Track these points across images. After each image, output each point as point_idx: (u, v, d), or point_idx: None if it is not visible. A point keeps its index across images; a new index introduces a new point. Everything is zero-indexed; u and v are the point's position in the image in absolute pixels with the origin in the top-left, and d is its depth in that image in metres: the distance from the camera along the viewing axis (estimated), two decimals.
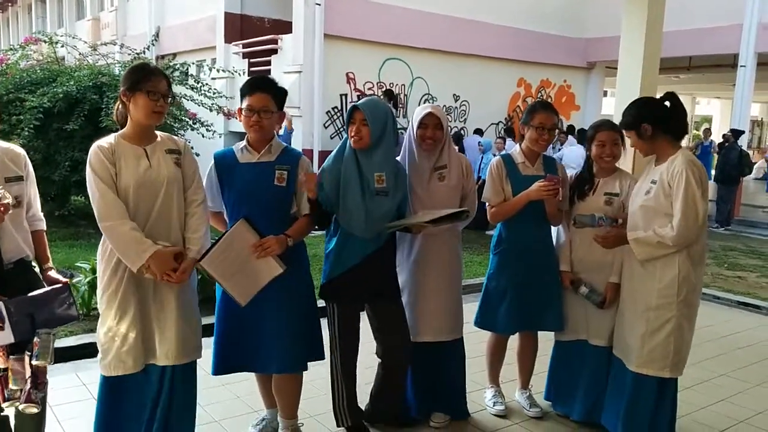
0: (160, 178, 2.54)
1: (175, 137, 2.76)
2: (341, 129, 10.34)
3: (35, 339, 2.28)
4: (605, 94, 17.56)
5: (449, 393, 3.35)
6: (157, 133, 2.65)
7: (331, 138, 11.00)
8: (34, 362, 2.27)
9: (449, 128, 3.33)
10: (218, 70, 10.21)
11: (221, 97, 9.12)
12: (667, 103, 2.93)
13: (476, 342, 3.59)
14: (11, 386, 2.29)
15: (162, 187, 2.54)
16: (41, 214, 2.65)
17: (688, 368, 3.02)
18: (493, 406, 3.50)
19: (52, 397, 3.33)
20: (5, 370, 2.30)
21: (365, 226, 2.89)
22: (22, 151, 2.55)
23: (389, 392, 3.17)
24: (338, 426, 3.16)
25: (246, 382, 3.40)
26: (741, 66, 12.08)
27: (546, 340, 3.53)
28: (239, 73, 9.77)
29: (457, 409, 3.40)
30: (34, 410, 2.31)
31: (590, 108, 15.12)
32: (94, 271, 4.81)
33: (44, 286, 2.50)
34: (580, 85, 15.11)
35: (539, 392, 3.58)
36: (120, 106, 2.59)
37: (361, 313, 3.11)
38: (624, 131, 3.04)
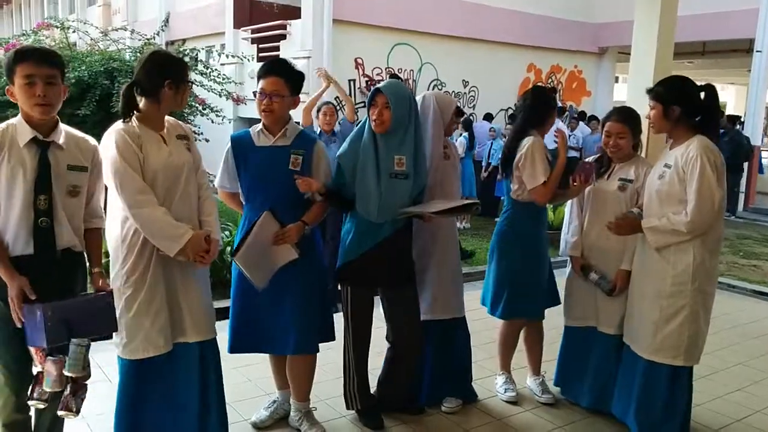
0: (179, 164, 2.57)
1: (180, 122, 2.77)
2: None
3: (70, 348, 2.24)
4: (617, 80, 17.39)
5: (458, 375, 3.38)
6: (164, 117, 2.65)
7: (339, 123, 10.97)
8: (65, 372, 2.24)
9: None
10: (227, 56, 10.18)
11: (230, 82, 9.10)
12: (702, 94, 2.87)
13: (484, 329, 3.60)
14: (44, 387, 2.26)
15: (182, 172, 2.57)
16: (102, 213, 2.58)
17: (704, 357, 3.00)
18: (504, 392, 3.51)
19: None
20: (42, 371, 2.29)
21: (378, 210, 2.89)
22: (93, 144, 2.50)
23: (400, 378, 3.20)
24: (348, 409, 3.20)
25: (257, 365, 3.43)
26: (757, 51, 11.89)
27: (551, 327, 3.53)
28: (248, 59, 9.76)
29: (467, 390, 3.43)
30: (72, 417, 2.31)
31: (601, 94, 14.99)
32: (107, 254, 4.84)
33: (86, 288, 2.49)
34: (591, 70, 14.97)
35: (551, 379, 3.58)
36: (133, 92, 2.53)
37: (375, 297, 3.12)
38: (650, 99, 2.94)
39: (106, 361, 3.78)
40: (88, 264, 2.51)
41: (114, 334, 2.55)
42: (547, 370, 3.60)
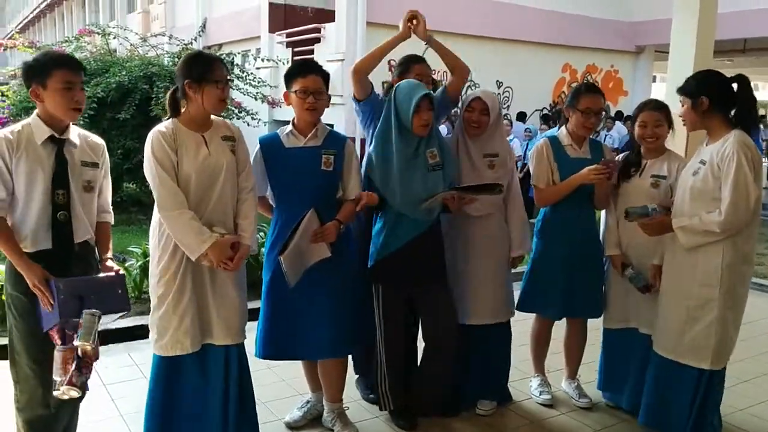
0: (218, 166, 2.57)
1: (229, 122, 2.78)
2: (359, 116, 10.27)
3: (80, 320, 2.27)
4: (654, 79, 17.05)
5: (495, 378, 3.35)
6: (212, 118, 2.67)
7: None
8: (76, 343, 2.26)
9: (502, 116, 3.30)
10: (263, 60, 10.35)
11: (266, 86, 9.26)
12: (735, 86, 2.78)
13: (521, 330, 3.56)
14: (53, 376, 2.28)
15: (220, 174, 2.58)
16: (110, 208, 2.68)
17: (745, 362, 2.93)
18: (540, 395, 3.46)
19: (105, 376, 3.49)
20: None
21: (421, 204, 2.90)
22: (101, 142, 2.61)
23: (435, 379, 3.17)
24: (381, 410, 3.20)
25: (291, 366, 3.46)
26: None
27: (593, 329, 3.48)
28: (283, 62, 9.87)
29: (503, 394, 3.40)
30: (75, 394, 2.27)
31: (638, 94, 14.69)
32: (145, 255, 4.96)
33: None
34: (628, 70, 14.72)
35: (586, 382, 3.53)
36: (176, 96, 2.59)
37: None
38: (680, 96, 2.87)
39: (142, 360, 3.88)
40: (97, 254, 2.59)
41: (150, 329, 2.64)
42: (582, 374, 3.55)
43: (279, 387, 3.54)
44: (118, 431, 3.05)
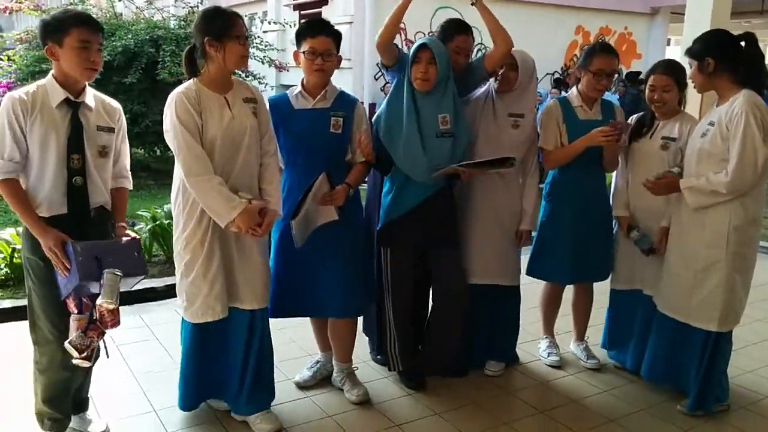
0: (242, 129, 2.53)
1: (249, 84, 2.72)
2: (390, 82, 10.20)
3: (101, 280, 2.28)
4: (669, 42, 16.73)
5: (504, 339, 3.36)
6: (233, 78, 2.61)
7: (381, 90, 10.91)
8: (98, 302, 2.28)
9: (535, 77, 3.18)
10: (269, 23, 10.22)
11: (273, 49, 9.15)
12: (743, 44, 2.73)
13: (530, 293, 3.57)
14: (72, 339, 2.30)
15: (245, 138, 2.54)
16: (128, 173, 2.64)
17: (753, 324, 2.92)
18: (548, 356, 3.48)
19: (117, 337, 3.53)
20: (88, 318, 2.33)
21: (426, 170, 2.86)
22: (118, 106, 2.56)
23: (443, 341, 3.18)
24: (390, 370, 3.23)
25: (300, 327, 3.49)
26: None
27: (599, 292, 3.48)
28: (290, 25, 9.74)
29: (511, 355, 3.42)
30: (86, 364, 2.31)
31: (653, 57, 14.43)
32: (154, 219, 4.98)
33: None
34: (643, 32, 14.45)
35: (594, 344, 3.54)
36: (193, 55, 2.52)
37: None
38: (687, 59, 2.84)
39: (153, 321, 3.93)
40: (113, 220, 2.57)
41: (178, 296, 2.65)
42: (590, 335, 3.56)
43: (289, 348, 3.57)
44: (131, 390, 3.10)
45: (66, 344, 2.30)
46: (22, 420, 2.69)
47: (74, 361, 2.32)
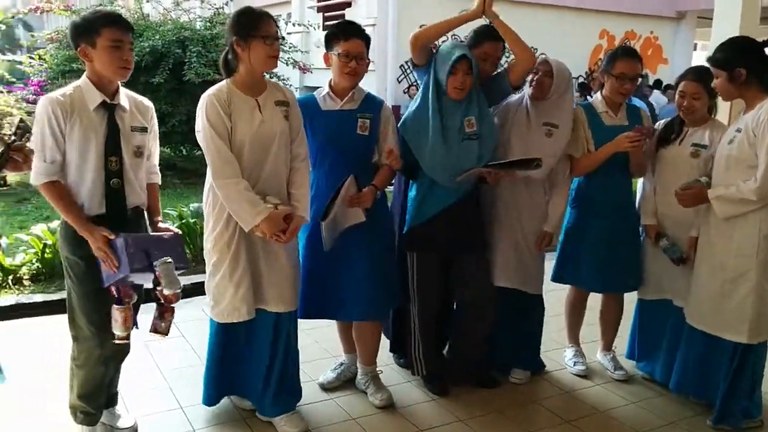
0: (272, 133, 2.53)
1: (284, 87, 2.72)
2: (414, 83, 10.24)
3: (157, 271, 2.32)
4: (695, 47, 16.52)
5: (529, 347, 3.35)
6: (266, 80, 2.63)
7: (405, 92, 10.92)
8: (165, 292, 2.35)
9: (572, 88, 3.14)
10: (294, 24, 10.28)
11: (297, 51, 9.20)
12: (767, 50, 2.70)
13: (555, 300, 3.55)
14: (113, 330, 2.38)
15: (274, 141, 2.54)
16: (158, 169, 2.69)
17: None
18: (574, 366, 3.44)
19: (145, 334, 3.58)
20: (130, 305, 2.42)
21: (452, 174, 2.86)
22: (150, 105, 2.58)
23: (469, 347, 3.18)
24: (414, 374, 3.23)
25: (325, 328, 3.51)
26: None
27: (629, 301, 3.44)
28: (314, 27, 9.80)
29: (536, 362, 3.40)
30: (161, 338, 2.46)
31: (679, 62, 14.30)
32: (181, 217, 5.05)
33: None
34: (668, 36, 14.30)
35: (621, 354, 3.50)
36: (228, 56, 2.54)
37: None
38: (712, 68, 2.79)
39: (181, 319, 3.95)
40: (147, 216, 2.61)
41: (207, 293, 2.70)
42: (617, 345, 3.52)
43: (313, 349, 3.59)
44: (158, 386, 3.14)
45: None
46: (55, 411, 2.74)
47: (117, 341, 2.41)
